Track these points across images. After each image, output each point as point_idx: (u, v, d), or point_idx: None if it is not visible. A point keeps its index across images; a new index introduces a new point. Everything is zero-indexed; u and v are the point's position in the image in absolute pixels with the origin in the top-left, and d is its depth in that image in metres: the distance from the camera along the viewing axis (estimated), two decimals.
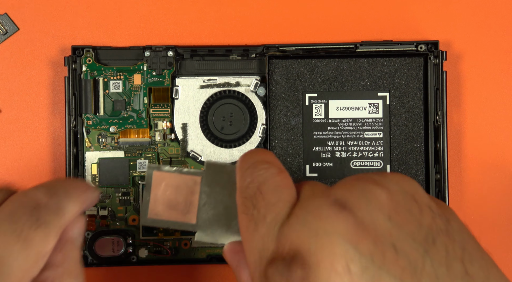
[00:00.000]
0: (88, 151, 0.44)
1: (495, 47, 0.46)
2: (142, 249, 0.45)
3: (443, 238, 0.30)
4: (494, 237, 0.46)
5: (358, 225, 0.29)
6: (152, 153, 0.45)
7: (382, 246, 0.29)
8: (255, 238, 0.31)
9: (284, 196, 0.32)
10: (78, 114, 0.44)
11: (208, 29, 0.46)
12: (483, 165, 0.46)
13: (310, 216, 0.30)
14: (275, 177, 0.33)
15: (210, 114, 0.45)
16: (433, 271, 0.28)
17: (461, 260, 0.29)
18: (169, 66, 0.44)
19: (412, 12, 0.46)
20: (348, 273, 0.28)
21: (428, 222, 0.30)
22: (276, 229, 0.31)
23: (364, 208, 0.30)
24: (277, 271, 0.29)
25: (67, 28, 0.46)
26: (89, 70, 0.44)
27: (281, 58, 0.44)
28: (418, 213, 0.30)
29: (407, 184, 0.32)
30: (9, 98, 0.46)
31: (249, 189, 0.33)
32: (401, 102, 0.44)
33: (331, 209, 0.29)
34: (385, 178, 0.31)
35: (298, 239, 0.29)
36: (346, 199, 0.30)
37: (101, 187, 0.44)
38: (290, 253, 0.29)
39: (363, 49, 0.45)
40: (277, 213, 0.31)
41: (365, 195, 0.30)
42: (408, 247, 0.29)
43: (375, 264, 0.28)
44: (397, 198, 0.30)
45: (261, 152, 0.35)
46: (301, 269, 0.28)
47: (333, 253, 0.28)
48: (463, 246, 0.30)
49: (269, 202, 0.32)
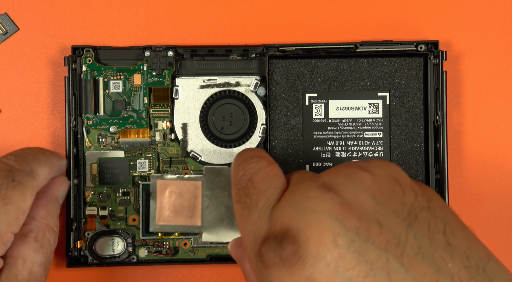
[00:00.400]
0: (88, 151, 0.44)
1: (495, 47, 0.46)
2: (142, 249, 0.45)
3: (425, 214, 0.31)
4: (494, 237, 0.46)
5: (343, 204, 0.31)
6: (152, 153, 0.45)
7: (367, 222, 0.30)
8: (249, 222, 0.33)
9: (274, 183, 0.34)
10: (78, 114, 0.44)
11: (208, 29, 0.46)
12: (483, 165, 0.46)
13: (299, 198, 0.32)
14: (265, 168, 0.35)
15: (210, 114, 0.45)
16: (416, 242, 0.30)
17: (443, 232, 0.31)
18: (169, 66, 0.44)
19: (412, 12, 0.46)
20: (336, 246, 0.29)
21: (411, 200, 0.32)
22: (268, 213, 0.33)
23: (349, 189, 0.31)
24: (270, 248, 0.30)
25: (67, 28, 0.46)
26: (89, 70, 0.44)
27: (281, 58, 0.44)
28: (401, 193, 0.32)
29: (390, 168, 0.33)
30: (9, 98, 0.46)
31: (242, 181, 0.35)
32: (401, 102, 0.44)
33: (318, 190, 0.31)
34: (370, 164, 0.33)
35: (288, 218, 0.31)
36: (331, 182, 0.32)
37: (101, 187, 0.45)
38: (281, 232, 0.31)
39: (363, 49, 0.45)
40: (268, 198, 0.33)
41: (350, 177, 0.32)
42: (391, 222, 0.30)
43: (360, 237, 0.30)
44: (381, 180, 0.32)
45: (252, 149, 0.38)
46: (292, 245, 0.30)
47: (321, 228, 0.30)
48: (444, 220, 0.31)
49: (260, 189, 0.34)
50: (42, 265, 0.38)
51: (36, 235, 0.38)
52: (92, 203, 0.44)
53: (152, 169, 0.45)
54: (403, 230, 0.30)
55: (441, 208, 0.33)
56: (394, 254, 0.29)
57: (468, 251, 0.31)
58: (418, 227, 0.31)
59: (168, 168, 0.45)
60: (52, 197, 0.41)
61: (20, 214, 0.36)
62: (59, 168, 0.41)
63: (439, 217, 0.32)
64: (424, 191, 0.33)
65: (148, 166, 0.45)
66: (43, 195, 0.40)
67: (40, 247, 0.38)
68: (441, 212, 0.32)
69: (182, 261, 0.45)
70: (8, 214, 0.35)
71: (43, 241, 0.38)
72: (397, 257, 0.29)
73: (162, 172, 0.45)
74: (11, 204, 0.36)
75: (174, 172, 0.45)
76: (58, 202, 0.41)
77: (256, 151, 0.37)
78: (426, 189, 0.34)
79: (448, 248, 0.30)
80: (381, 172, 0.33)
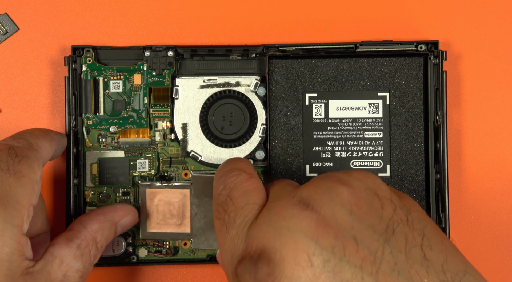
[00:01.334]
0: (88, 151, 0.44)
1: (495, 47, 0.46)
2: (142, 249, 0.45)
3: (403, 227, 0.32)
4: (494, 237, 0.46)
5: (320, 221, 0.31)
6: (152, 153, 0.45)
7: (343, 239, 0.30)
8: (227, 240, 0.34)
9: (252, 199, 0.34)
10: (78, 114, 0.44)
11: (208, 29, 0.46)
12: (483, 165, 0.46)
13: (275, 216, 0.32)
14: (244, 183, 0.35)
15: (210, 114, 0.45)
16: (392, 258, 0.30)
17: (420, 246, 0.31)
18: (169, 66, 0.44)
19: (412, 12, 0.46)
20: (311, 266, 0.30)
21: (389, 214, 0.32)
22: (245, 230, 0.33)
23: (326, 205, 0.32)
24: (245, 269, 0.31)
25: (67, 28, 0.46)
26: (89, 70, 0.44)
27: (281, 58, 0.44)
28: (379, 206, 0.32)
29: (370, 180, 0.34)
30: (9, 98, 0.46)
31: (221, 195, 0.35)
32: (401, 102, 0.44)
33: (294, 209, 0.32)
34: (349, 176, 0.34)
35: (263, 238, 0.31)
36: (309, 197, 0.32)
37: (101, 187, 0.45)
38: (257, 252, 0.31)
39: (363, 49, 0.45)
40: (246, 215, 0.34)
41: (328, 192, 0.32)
42: (368, 238, 0.31)
43: (336, 256, 0.30)
44: (360, 193, 0.32)
45: (235, 160, 0.38)
46: (267, 266, 0.30)
47: (296, 248, 0.30)
48: (422, 233, 0.32)
49: (238, 206, 0.34)
50: (79, 272, 0.37)
51: (80, 243, 0.38)
52: (92, 202, 0.44)
53: (152, 169, 0.45)
54: (380, 246, 0.31)
55: (420, 220, 0.33)
56: (369, 272, 0.30)
57: (445, 265, 0.31)
58: (395, 242, 0.31)
59: (168, 168, 0.45)
60: (112, 218, 0.41)
61: (35, 185, 0.36)
62: (59, 141, 0.41)
63: (417, 229, 0.32)
64: (404, 203, 0.33)
65: (148, 166, 0.45)
66: (104, 213, 0.41)
67: (80, 255, 0.38)
68: (419, 224, 0.32)
69: (182, 261, 0.45)
70: (24, 187, 0.36)
71: (85, 250, 0.38)
72: (372, 274, 0.30)
73: (163, 171, 0.45)
74: (23, 176, 0.36)
75: (174, 172, 0.45)
76: (116, 227, 0.41)
77: (238, 162, 0.37)
78: (406, 200, 0.34)
79: (424, 263, 0.31)
80: (360, 185, 0.33)
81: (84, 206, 0.44)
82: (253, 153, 0.45)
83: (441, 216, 0.44)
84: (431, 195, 0.44)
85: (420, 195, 0.44)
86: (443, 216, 0.44)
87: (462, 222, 0.46)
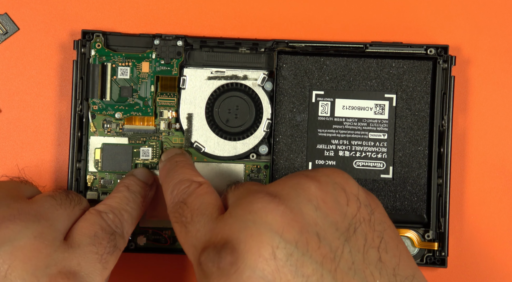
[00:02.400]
0: (93, 136, 0.44)
1: (504, 54, 0.46)
2: (140, 236, 0.45)
3: (364, 227, 0.33)
4: (493, 243, 0.46)
5: (286, 215, 0.31)
6: (156, 141, 0.45)
7: (307, 235, 0.31)
8: (188, 237, 0.34)
9: (206, 200, 0.35)
10: (84, 99, 0.44)
11: (219, 21, 0.46)
12: (486, 171, 0.46)
13: (241, 211, 0.32)
14: (195, 190, 0.36)
15: (216, 106, 0.45)
16: (351, 257, 0.31)
17: (377, 248, 0.32)
18: (178, 55, 0.44)
19: (423, 16, 0.46)
20: (274, 259, 0.30)
21: (353, 212, 0.33)
22: (206, 226, 0.33)
23: (293, 199, 0.32)
24: (209, 257, 0.31)
25: (78, 13, 0.46)
26: (98, 55, 0.44)
27: (290, 54, 0.44)
28: (344, 203, 0.33)
29: (338, 175, 0.34)
30: (19, 80, 0.46)
31: (176, 205, 0.36)
32: (408, 105, 0.44)
33: (260, 202, 0.32)
34: (317, 172, 0.34)
35: (229, 230, 0.32)
36: (277, 192, 0.33)
37: (104, 172, 0.45)
38: (221, 242, 0.31)
39: (373, 49, 0.45)
40: (202, 213, 0.34)
41: (296, 188, 0.33)
42: (330, 236, 0.32)
43: (299, 250, 0.31)
44: (327, 188, 0.33)
45: (178, 169, 0.39)
46: (230, 255, 0.31)
47: (261, 241, 0.31)
48: (381, 235, 0.33)
49: (193, 208, 0.35)
50: None
51: None
52: (93, 187, 0.44)
53: (155, 157, 0.45)
54: (340, 244, 0.31)
55: (381, 221, 0.34)
56: (329, 269, 0.30)
57: (397, 269, 0.32)
58: (355, 241, 0.32)
59: None
60: None
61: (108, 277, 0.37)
62: None
63: (377, 231, 0.33)
64: (369, 201, 0.34)
65: (152, 154, 0.45)
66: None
67: None
68: (380, 226, 0.33)
69: (180, 251, 0.45)
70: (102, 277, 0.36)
71: None
72: (331, 272, 0.30)
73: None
74: (107, 269, 0.36)
75: None
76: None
77: (183, 170, 0.39)
78: (372, 199, 0.35)
79: (379, 265, 0.32)
80: (327, 180, 0.33)
81: (86, 190, 0.44)
82: (256, 147, 0.45)
83: (441, 220, 0.44)
84: (432, 199, 0.44)
85: (421, 199, 0.44)
86: (443, 221, 0.44)
87: (461, 227, 0.46)
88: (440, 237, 0.44)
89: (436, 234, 0.44)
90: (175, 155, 0.42)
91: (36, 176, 0.46)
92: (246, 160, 0.45)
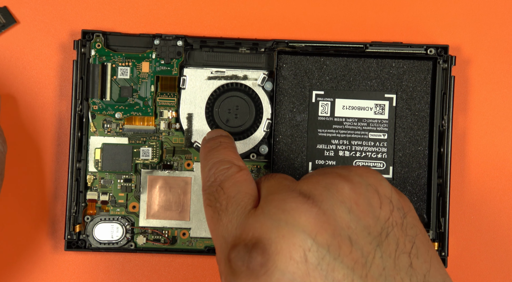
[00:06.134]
0: (93, 136, 0.44)
1: (504, 54, 0.46)
2: (140, 236, 0.45)
3: (396, 232, 0.32)
4: (493, 244, 0.46)
5: (319, 218, 0.31)
6: (156, 141, 0.45)
7: (339, 238, 0.31)
8: (220, 226, 0.34)
9: (244, 189, 0.34)
10: (84, 99, 0.44)
11: (219, 21, 0.46)
12: (486, 171, 0.46)
13: (274, 209, 0.32)
14: (234, 175, 0.35)
15: (216, 106, 0.45)
16: (382, 263, 0.31)
17: (408, 254, 0.32)
18: (178, 55, 0.44)
19: (423, 16, 0.46)
20: (305, 262, 0.30)
21: (386, 215, 0.32)
22: (239, 218, 0.33)
23: (327, 201, 0.32)
24: (239, 255, 0.31)
25: (78, 13, 0.46)
26: (98, 55, 0.44)
27: (290, 54, 0.44)
28: (377, 205, 0.32)
29: (371, 176, 0.33)
30: (17, 80, 0.46)
31: (212, 187, 0.36)
32: (408, 105, 0.44)
33: (294, 202, 0.32)
34: (350, 171, 0.33)
35: (261, 228, 0.31)
36: (310, 192, 0.32)
37: (104, 172, 0.45)
38: (252, 240, 0.31)
39: (373, 49, 0.45)
40: (238, 203, 0.34)
41: (329, 188, 0.32)
42: (362, 240, 0.31)
43: (330, 255, 0.30)
44: (360, 189, 0.32)
45: (221, 149, 0.38)
46: (261, 256, 0.30)
47: (293, 243, 0.30)
48: (413, 240, 0.32)
49: (229, 195, 0.34)
50: None
51: None
52: (93, 187, 0.44)
53: (155, 157, 0.45)
54: (372, 249, 0.31)
55: (413, 225, 0.33)
56: (360, 275, 0.30)
57: (427, 275, 0.31)
58: (387, 246, 0.31)
59: (171, 157, 0.45)
60: None
61: None
62: None
63: (409, 236, 0.32)
64: (402, 204, 0.34)
65: (152, 154, 0.45)
66: None
67: None
68: (412, 231, 0.33)
69: (180, 251, 0.45)
70: None
71: None
72: (361, 278, 0.30)
73: (166, 160, 0.45)
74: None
75: (177, 161, 0.45)
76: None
77: (225, 152, 0.38)
78: (404, 202, 0.34)
79: (409, 271, 0.31)
80: (361, 180, 0.33)
81: (85, 190, 0.44)
82: (256, 147, 0.45)
83: (441, 220, 0.44)
84: (432, 199, 0.44)
85: (421, 199, 0.44)
86: (443, 221, 0.44)
87: (462, 227, 0.46)
88: (440, 237, 0.44)
89: (436, 234, 0.44)
90: (220, 136, 0.40)
91: (36, 176, 0.46)
92: (246, 160, 0.45)
